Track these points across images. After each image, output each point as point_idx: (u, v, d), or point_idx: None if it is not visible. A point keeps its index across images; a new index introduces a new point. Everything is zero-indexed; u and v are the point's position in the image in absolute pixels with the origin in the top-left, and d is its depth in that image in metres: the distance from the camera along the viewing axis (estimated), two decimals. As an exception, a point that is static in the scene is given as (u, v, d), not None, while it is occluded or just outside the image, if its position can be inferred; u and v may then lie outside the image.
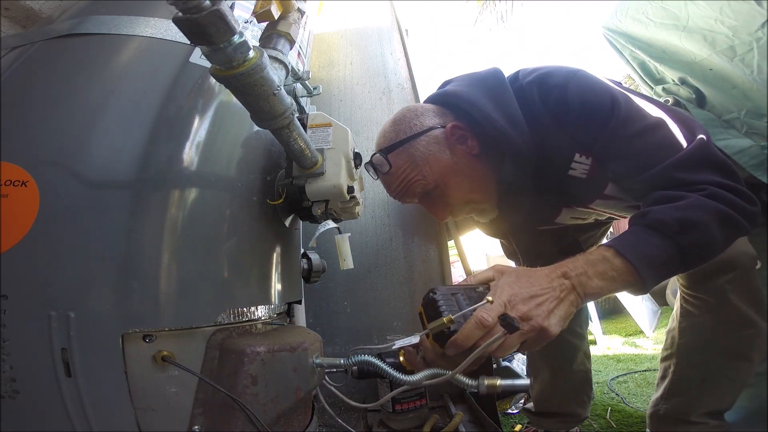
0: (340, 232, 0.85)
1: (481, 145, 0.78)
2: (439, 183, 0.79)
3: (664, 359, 0.87)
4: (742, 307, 0.73)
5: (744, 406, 0.88)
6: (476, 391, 0.56)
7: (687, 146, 0.63)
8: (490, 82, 0.79)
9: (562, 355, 1.07)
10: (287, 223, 0.74)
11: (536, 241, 1.05)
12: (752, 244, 0.75)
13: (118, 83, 0.61)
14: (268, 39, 0.62)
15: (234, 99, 0.49)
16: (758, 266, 0.74)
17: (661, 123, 0.66)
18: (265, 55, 0.44)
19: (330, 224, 0.86)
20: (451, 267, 1.36)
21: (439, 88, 0.90)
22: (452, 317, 0.53)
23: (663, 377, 0.86)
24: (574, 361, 1.07)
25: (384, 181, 0.86)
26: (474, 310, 0.54)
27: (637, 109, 0.68)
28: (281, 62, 0.59)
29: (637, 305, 2.49)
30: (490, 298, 0.54)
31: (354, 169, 0.69)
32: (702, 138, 0.64)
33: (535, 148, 0.73)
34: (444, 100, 0.85)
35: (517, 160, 0.75)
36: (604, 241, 1.15)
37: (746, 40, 0.92)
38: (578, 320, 1.08)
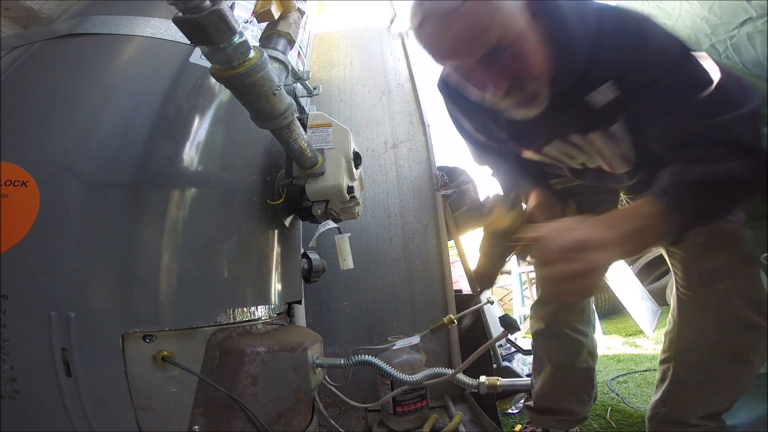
0: (340, 232, 0.85)
1: (549, 33, 0.69)
2: (516, 42, 0.66)
3: (662, 362, 0.86)
4: (744, 309, 0.71)
5: (747, 410, 0.88)
6: (476, 391, 0.56)
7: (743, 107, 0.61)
8: None
9: (565, 352, 1.05)
10: (287, 223, 0.74)
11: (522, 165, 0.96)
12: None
13: (118, 83, 0.61)
14: (268, 39, 0.62)
15: (234, 99, 0.49)
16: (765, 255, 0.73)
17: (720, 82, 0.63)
18: (265, 55, 0.44)
19: (330, 224, 0.86)
20: (451, 267, 1.36)
21: None
22: (453, 317, 0.53)
23: (662, 380, 0.86)
24: (578, 358, 1.05)
25: (436, 26, 0.65)
26: None
27: (703, 68, 0.65)
28: (281, 62, 0.59)
29: (637, 305, 2.49)
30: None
31: (354, 169, 0.69)
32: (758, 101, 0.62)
33: (583, 60, 0.68)
34: None
35: (567, 62, 0.68)
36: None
37: (722, 38, 0.93)
38: (581, 317, 1.07)
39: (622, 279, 2.53)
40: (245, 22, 0.76)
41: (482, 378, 0.57)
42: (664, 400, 0.84)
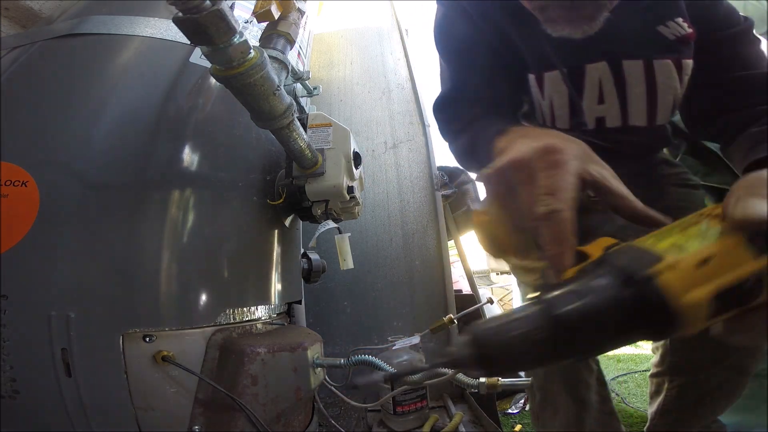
0: (340, 232, 0.85)
1: None
2: None
3: (654, 375, 0.83)
4: None
5: (741, 410, 0.88)
6: (476, 391, 0.56)
7: None
8: None
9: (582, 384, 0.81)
10: (287, 223, 0.74)
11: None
12: None
13: (118, 83, 0.61)
14: (268, 39, 0.62)
15: (234, 99, 0.49)
16: None
17: None
18: (265, 55, 0.44)
19: (330, 224, 0.86)
20: (451, 267, 1.36)
21: None
22: (453, 317, 0.53)
23: (656, 392, 0.82)
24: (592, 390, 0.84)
25: None
26: None
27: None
28: (281, 62, 0.59)
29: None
30: None
31: (354, 169, 0.69)
32: None
33: None
34: None
35: None
36: None
37: None
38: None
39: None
40: (245, 22, 0.76)
41: (482, 378, 0.57)
42: (662, 414, 0.81)
